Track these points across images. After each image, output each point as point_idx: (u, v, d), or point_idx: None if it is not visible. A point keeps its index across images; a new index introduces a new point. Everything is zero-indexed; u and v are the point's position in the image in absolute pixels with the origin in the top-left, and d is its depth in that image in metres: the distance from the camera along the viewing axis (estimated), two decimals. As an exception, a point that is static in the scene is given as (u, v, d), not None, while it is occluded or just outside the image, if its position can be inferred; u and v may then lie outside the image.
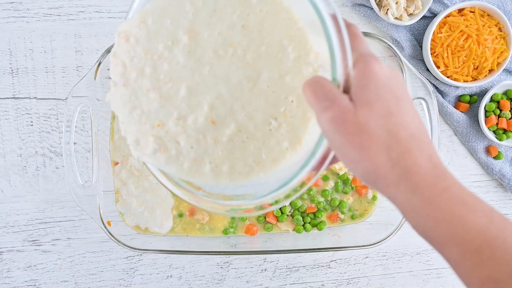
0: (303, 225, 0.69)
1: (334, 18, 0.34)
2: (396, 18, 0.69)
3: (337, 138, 0.31)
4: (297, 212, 0.69)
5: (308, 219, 0.69)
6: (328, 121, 0.31)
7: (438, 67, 0.69)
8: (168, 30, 0.40)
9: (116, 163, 0.69)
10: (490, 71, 0.70)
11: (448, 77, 0.70)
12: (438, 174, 0.30)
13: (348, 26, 0.35)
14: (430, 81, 0.72)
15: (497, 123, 0.70)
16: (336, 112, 0.31)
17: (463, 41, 0.68)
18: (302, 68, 0.39)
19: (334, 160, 0.36)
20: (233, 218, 0.69)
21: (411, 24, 0.72)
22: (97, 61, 0.63)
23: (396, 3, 0.68)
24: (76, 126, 0.72)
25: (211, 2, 0.40)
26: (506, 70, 0.72)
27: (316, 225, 0.69)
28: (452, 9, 0.68)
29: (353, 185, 0.70)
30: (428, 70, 0.71)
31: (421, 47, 0.72)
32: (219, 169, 0.41)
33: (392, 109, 0.31)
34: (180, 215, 0.69)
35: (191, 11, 0.40)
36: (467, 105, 0.72)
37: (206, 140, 0.40)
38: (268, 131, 0.40)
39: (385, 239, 0.64)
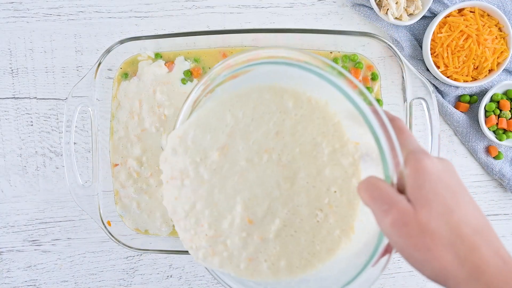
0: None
1: (376, 113, 0.34)
2: (396, 18, 0.69)
3: (400, 241, 0.31)
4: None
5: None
6: (389, 225, 0.31)
7: (438, 67, 0.69)
8: (202, 146, 0.43)
9: (116, 165, 0.69)
10: (490, 71, 0.70)
11: (448, 77, 0.70)
12: (509, 270, 0.30)
13: (392, 120, 0.35)
14: (430, 81, 0.72)
15: (497, 123, 0.70)
16: (396, 215, 0.31)
17: (463, 41, 0.68)
18: (340, 160, 0.40)
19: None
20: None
21: (411, 24, 0.72)
22: (97, 61, 0.63)
23: (396, 3, 0.68)
24: (76, 126, 0.72)
25: (250, 111, 0.42)
26: (506, 70, 0.72)
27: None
28: (452, 9, 0.67)
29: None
30: (428, 70, 0.71)
31: (421, 47, 0.72)
32: (276, 266, 0.42)
33: (451, 205, 0.31)
34: None
35: (231, 123, 0.42)
36: (467, 105, 0.72)
37: (253, 238, 0.42)
38: (316, 223, 0.41)
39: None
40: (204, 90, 0.43)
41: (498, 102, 0.70)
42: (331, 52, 0.68)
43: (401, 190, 0.33)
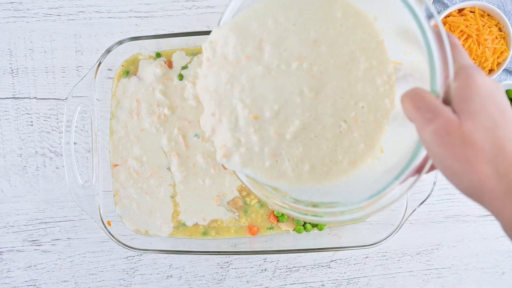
0: (303, 225, 0.69)
1: (436, 28, 0.34)
2: (396, 18, 0.69)
3: (440, 151, 0.31)
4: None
5: (309, 219, 0.69)
6: (431, 133, 0.31)
7: (438, 67, 0.69)
8: (237, 49, 0.43)
9: (115, 165, 0.69)
10: (490, 71, 0.70)
11: (448, 77, 0.70)
12: None
13: (447, 36, 0.35)
14: (430, 81, 0.72)
15: (497, 123, 0.70)
16: (440, 124, 0.30)
17: (463, 41, 0.68)
18: (375, 77, 0.40)
19: (431, 168, 0.36)
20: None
21: (411, 24, 0.72)
22: (97, 61, 0.63)
23: (396, 3, 0.68)
24: (76, 126, 0.72)
25: (294, 16, 0.42)
26: (506, 70, 0.72)
27: (317, 225, 0.69)
28: (452, 9, 0.67)
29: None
30: (428, 70, 0.71)
31: (421, 47, 0.72)
32: (300, 169, 0.43)
33: (498, 121, 0.31)
34: (181, 225, 0.69)
35: (270, 28, 0.42)
36: (467, 105, 0.72)
37: (268, 133, 0.42)
38: (339, 133, 0.42)
39: (385, 239, 0.63)
40: None
41: (498, 102, 0.70)
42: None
43: (446, 103, 0.32)
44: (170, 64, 0.67)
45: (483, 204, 0.31)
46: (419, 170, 0.36)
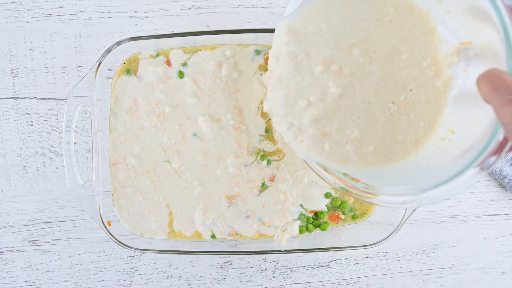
0: (306, 227, 0.69)
1: (507, 6, 0.34)
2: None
3: None
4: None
5: (311, 220, 0.69)
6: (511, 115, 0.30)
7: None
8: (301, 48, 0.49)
9: (114, 164, 0.69)
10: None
11: (448, 77, 0.70)
12: None
13: None
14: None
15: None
16: None
17: (463, 41, 0.68)
18: (420, 62, 0.44)
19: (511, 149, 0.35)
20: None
21: (411, 24, 0.71)
22: (97, 61, 0.63)
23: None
24: (76, 126, 0.72)
25: (345, 18, 0.46)
26: (506, 70, 0.72)
27: (319, 226, 0.69)
28: None
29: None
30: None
31: (421, 47, 0.72)
32: (362, 151, 0.46)
33: None
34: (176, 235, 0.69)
35: (334, 24, 0.47)
36: (467, 105, 0.72)
37: (323, 122, 0.47)
38: (390, 115, 0.45)
39: (385, 239, 0.63)
40: None
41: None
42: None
43: None
44: (168, 63, 0.68)
45: None
46: (498, 151, 0.35)
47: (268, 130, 0.67)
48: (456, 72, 0.44)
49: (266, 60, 0.66)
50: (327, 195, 0.69)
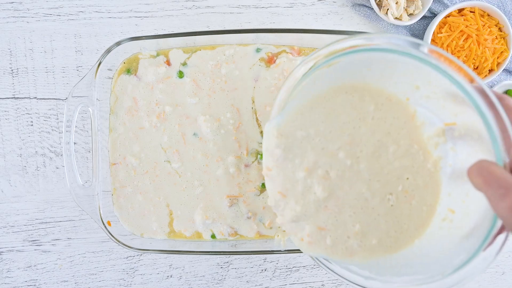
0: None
1: (483, 93, 0.33)
2: (396, 18, 0.69)
3: None
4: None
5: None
6: (507, 209, 0.30)
7: (438, 67, 0.69)
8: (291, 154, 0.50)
9: (114, 164, 0.69)
10: (490, 71, 0.70)
11: (448, 77, 0.70)
12: None
13: (501, 99, 0.34)
14: (430, 81, 0.72)
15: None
16: None
17: (463, 41, 0.67)
18: (409, 150, 0.45)
19: None
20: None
21: (411, 24, 0.72)
22: (97, 61, 0.63)
23: (396, 3, 0.68)
24: (76, 126, 0.72)
25: (331, 123, 0.48)
26: (506, 70, 0.72)
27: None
28: (452, 9, 0.67)
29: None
30: (428, 70, 0.71)
31: (421, 47, 0.72)
32: (366, 244, 0.47)
33: None
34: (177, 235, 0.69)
35: (313, 134, 0.48)
36: (467, 105, 0.72)
37: (318, 209, 0.48)
38: (390, 207, 0.46)
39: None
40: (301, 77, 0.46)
41: (498, 102, 0.70)
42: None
43: None
44: (168, 62, 0.68)
45: None
46: (504, 229, 0.36)
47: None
48: (445, 151, 0.45)
49: (268, 58, 0.66)
50: None
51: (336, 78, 0.47)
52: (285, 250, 0.65)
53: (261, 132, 0.67)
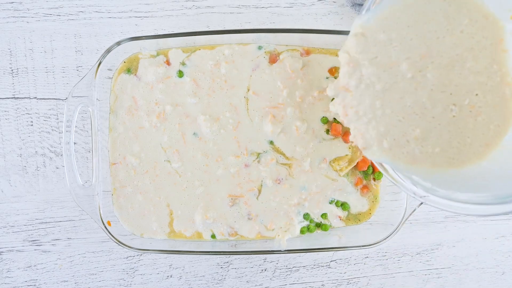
0: (307, 227, 0.69)
1: None
2: (396, 18, 0.69)
3: None
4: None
5: (313, 221, 0.69)
6: None
7: (438, 67, 0.69)
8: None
9: (114, 164, 0.69)
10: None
11: (448, 77, 0.70)
12: None
13: None
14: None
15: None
16: None
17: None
18: (487, 69, 0.45)
19: None
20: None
21: (411, 24, 0.71)
22: (97, 61, 0.63)
23: (396, 3, 0.68)
24: (76, 126, 0.72)
25: (417, 29, 0.48)
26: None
27: (320, 226, 0.69)
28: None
29: (356, 186, 0.70)
30: (428, 70, 0.71)
31: (421, 47, 0.72)
32: (428, 151, 0.47)
33: None
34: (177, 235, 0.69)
35: (396, 39, 0.48)
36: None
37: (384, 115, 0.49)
38: (452, 118, 0.47)
39: (385, 239, 0.63)
40: None
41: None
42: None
43: None
44: (167, 62, 0.68)
45: None
46: None
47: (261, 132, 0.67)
48: None
49: (270, 56, 0.66)
50: (331, 202, 0.69)
51: None
52: (285, 250, 0.65)
53: (257, 130, 0.67)
